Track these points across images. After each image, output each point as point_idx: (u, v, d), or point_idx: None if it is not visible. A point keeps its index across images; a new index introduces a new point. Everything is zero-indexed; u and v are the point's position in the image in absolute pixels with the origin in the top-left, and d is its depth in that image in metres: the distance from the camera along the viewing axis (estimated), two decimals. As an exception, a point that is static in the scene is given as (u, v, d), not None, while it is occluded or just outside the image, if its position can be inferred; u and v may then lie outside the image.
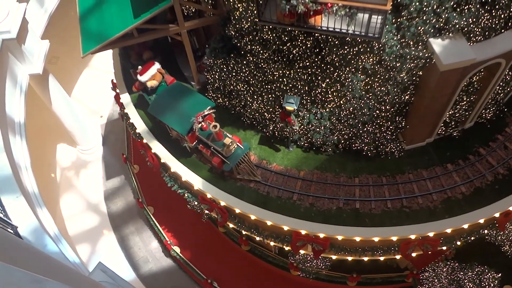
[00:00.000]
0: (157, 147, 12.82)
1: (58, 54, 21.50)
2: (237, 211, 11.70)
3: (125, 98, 13.94)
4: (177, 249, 17.68)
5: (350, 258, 12.13)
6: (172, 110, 11.68)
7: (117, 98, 14.79)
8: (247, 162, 11.45)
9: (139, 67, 12.54)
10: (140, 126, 13.32)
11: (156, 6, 10.98)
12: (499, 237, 12.44)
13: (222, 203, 11.81)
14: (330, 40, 10.03)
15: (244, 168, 11.51)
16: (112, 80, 15.57)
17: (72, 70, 23.80)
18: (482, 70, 10.51)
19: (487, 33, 9.85)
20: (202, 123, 11.12)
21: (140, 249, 18.84)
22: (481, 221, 11.04)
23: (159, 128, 13.08)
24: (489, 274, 12.54)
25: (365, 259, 12.09)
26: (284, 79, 11.11)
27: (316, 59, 10.60)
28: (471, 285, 12.37)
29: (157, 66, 12.50)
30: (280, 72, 11.03)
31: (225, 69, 11.85)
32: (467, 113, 11.68)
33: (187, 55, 12.79)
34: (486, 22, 9.63)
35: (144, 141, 13.12)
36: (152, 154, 13.01)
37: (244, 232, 12.61)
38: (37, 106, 18.44)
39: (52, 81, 16.89)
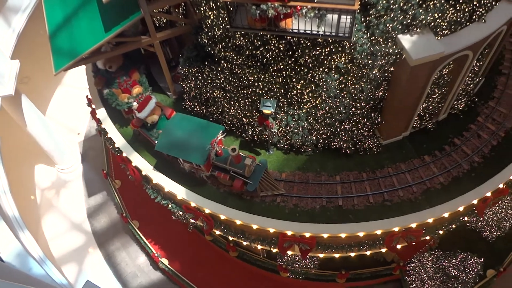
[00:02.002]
0: (137, 160, 12.74)
1: (30, 74, 21.12)
2: (222, 217, 11.70)
3: (101, 113, 13.81)
4: (165, 261, 17.54)
5: (337, 255, 12.26)
6: (183, 143, 11.11)
7: (93, 113, 14.62)
8: (267, 177, 11.41)
9: (134, 103, 12.05)
10: (119, 140, 13.21)
11: (127, 19, 10.94)
12: (479, 223, 12.78)
13: (207, 211, 11.81)
14: (302, 42, 10.19)
15: (267, 184, 11.44)
16: (87, 96, 15.42)
17: (45, 89, 23.46)
18: (451, 62, 10.80)
19: (453, 26, 10.13)
20: (217, 148, 11.00)
21: (128, 265, 18.62)
22: (461, 209, 11.30)
23: (138, 141, 13.01)
24: (472, 260, 12.85)
25: (352, 255, 12.24)
26: (260, 83, 11.21)
27: (289, 62, 10.73)
28: (456, 272, 12.66)
29: (154, 100, 12.07)
30: (255, 76, 11.12)
31: (200, 77, 11.89)
32: (440, 105, 11.98)
33: (161, 66, 12.78)
34: (451, 16, 9.90)
35: (124, 154, 13.02)
36: (133, 167, 12.92)
37: (231, 238, 12.62)
38: (11, 128, 18.10)
39: (25, 101, 16.62)
